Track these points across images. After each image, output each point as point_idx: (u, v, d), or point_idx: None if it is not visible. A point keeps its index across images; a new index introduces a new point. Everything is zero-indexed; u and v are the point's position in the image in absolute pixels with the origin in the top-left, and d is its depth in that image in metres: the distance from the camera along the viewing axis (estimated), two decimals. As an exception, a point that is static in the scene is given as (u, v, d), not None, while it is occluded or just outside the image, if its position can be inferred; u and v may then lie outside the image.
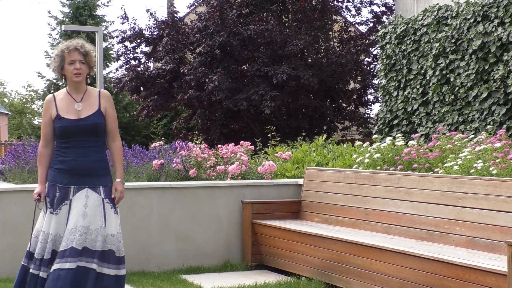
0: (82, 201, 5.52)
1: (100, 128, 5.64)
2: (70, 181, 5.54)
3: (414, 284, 6.30)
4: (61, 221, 5.50)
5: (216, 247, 8.74)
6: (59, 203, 5.52)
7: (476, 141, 8.10)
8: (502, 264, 5.49)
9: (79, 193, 5.53)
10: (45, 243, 5.49)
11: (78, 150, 5.58)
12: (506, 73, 9.29)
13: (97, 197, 5.55)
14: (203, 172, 9.25)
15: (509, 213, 6.23)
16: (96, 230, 5.49)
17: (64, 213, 5.51)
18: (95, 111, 5.63)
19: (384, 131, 11.62)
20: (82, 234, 5.45)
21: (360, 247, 7.02)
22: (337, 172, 8.64)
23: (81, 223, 5.46)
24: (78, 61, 5.59)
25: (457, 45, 10.18)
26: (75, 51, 5.60)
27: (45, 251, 5.47)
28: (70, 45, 5.62)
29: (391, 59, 11.60)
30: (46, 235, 5.49)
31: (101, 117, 5.65)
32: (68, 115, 5.58)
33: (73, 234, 5.44)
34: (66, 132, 5.57)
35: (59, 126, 5.58)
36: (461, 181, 6.86)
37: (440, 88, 10.48)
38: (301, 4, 18.01)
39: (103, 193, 5.58)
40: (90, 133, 5.60)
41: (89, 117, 5.60)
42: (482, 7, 9.76)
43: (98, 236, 5.50)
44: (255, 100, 16.79)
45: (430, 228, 7.00)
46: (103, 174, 5.65)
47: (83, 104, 5.63)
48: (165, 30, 18.74)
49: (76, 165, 5.56)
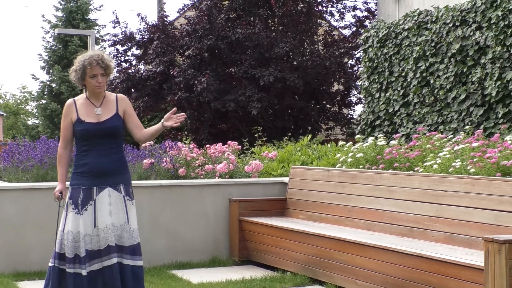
0: (106, 200, 5.64)
1: (118, 130, 5.76)
2: (92, 182, 5.64)
3: (395, 278, 6.33)
4: (88, 221, 5.60)
5: (204, 243, 8.74)
6: (84, 204, 5.61)
7: (455, 141, 8.13)
8: (479, 259, 5.51)
9: (102, 193, 5.64)
10: (75, 242, 5.58)
11: (98, 152, 5.69)
12: (484, 76, 9.33)
13: (118, 195, 5.69)
14: (192, 171, 9.25)
15: (486, 210, 6.26)
16: (120, 226, 5.67)
17: (90, 213, 5.61)
18: (114, 114, 5.75)
19: (366, 131, 11.65)
20: (112, 232, 5.63)
21: (343, 243, 7.04)
22: (321, 171, 8.66)
23: (109, 221, 5.63)
24: (99, 75, 5.70)
25: (437, 49, 10.21)
26: (97, 66, 5.70)
27: (80, 250, 5.57)
28: (92, 60, 5.69)
29: (374, 62, 11.63)
30: (76, 234, 5.58)
31: (119, 120, 5.78)
32: (88, 119, 5.70)
33: (106, 233, 5.61)
34: (87, 135, 5.69)
35: (80, 129, 5.69)
36: (440, 180, 6.89)
37: (420, 90, 10.51)
38: (287, 8, 18.03)
39: (123, 190, 5.72)
40: (109, 135, 5.71)
41: (108, 121, 5.71)
42: (461, 12, 9.80)
43: (124, 232, 5.68)
44: (243, 101, 16.80)
45: (411, 224, 7.03)
46: (123, 173, 5.76)
47: (102, 109, 5.75)
48: (155, 33, 18.72)
49: (97, 167, 5.66)
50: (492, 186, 6.28)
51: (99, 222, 5.60)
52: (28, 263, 7.91)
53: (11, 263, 7.92)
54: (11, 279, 7.53)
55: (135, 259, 5.71)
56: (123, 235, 5.67)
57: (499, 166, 6.86)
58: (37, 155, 8.79)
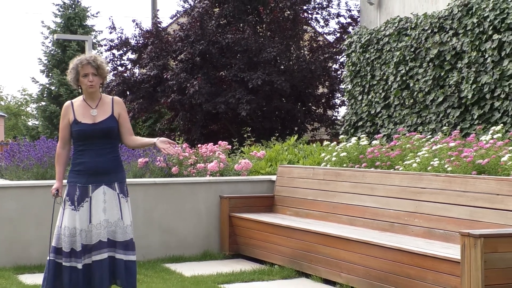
0: (100, 197, 5.65)
1: (113, 131, 5.75)
2: (88, 180, 5.65)
3: (377, 271, 6.34)
4: (83, 217, 5.61)
5: (196, 238, 8.74)
6: (80, 200, 5.62)
7: (433, 141, 8.15)
8: (456, 253, 5.53)
9: (97, 191, 5.65)
10: (72, 237, 5.58)
11: (94, 151, 5.69)
12: (460, 79, 9.36)
13: (113, 193, 5.68)
14: (184, 169, 9.25)
15: (462, 206, 6.28)
16: (114, 222, 5.67)
17: (86, 210, 5.62)
18: (109, 116, 5.74)
19: (349, 132, 11.67)
20: (105, 228, 5.64)
21: (328, 237, 7.05)
22: (307, 169, 8.67)
23: (103, 218, 5.63)
24: (91, 74, 5.69)
25: (416, 54, 10.24)
26: (88, 65, 5.70)
27: (76, 244, 5.58)
28: (83, 60, 5.73)
29: (356, 66, 11.65)
30: (72, 230, 5.59)
31: (114, 121, 5.75)
32: (85, 119, 5.69)
33: (99, 229, 5.63)
34: (83, 135, 5.68)
35: (76, 130, 5.69)
36: (419, 177, 6.91)
37: (400, 93, 10.53)
38: (275, 15, 18.03)
39: (118, 188, 5.71)
40: (105, 135, 5.71)
41: (103, 122, 5.70)
42: (438, 19, 9.83)
43: (117, 228, 5.68)
44: (232, 103, 16.79)
45: (391, 220, 7.04)
46: (117, 172, 5.76)
47: (98, 110, 5.74)
48: (149, 39, 18.68)
49: (93, 166, 5.66)
50: (468, 184, 6.30)
51: (94, 218, 5.62)
52: (28, 257, 7.89)
53: (12, 257, 7.91)
54: (12, 273, 7.52)
55: (128, 254, 5.71)
56: (116, 230, 5.68)
57: (474, 164, 6.89)
58: (37, 154, 8.77)
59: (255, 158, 10.09)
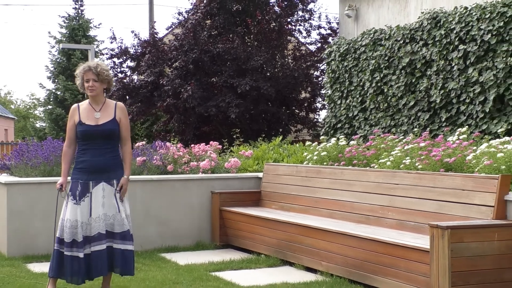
0: (100, 193, 5.69)
1: (114, 133, 5.78)
2: (89, 177, 5.69)
3: (354, 259, 6.36)
4: (84, 210, 5.65)
5: (189, 230, 8.73)
6: (81, 195, 5.66)
7: (405, 141, 8.17)
8: (425, 243, 5.56)
9: (97, 187, 5.70)
10: (73, 228, 5.62)
11: (95, 151, 5.73)
12: (429, 86, 9.39)
13: (111, 189, 5.73)
14: (178, 167, 9.23)
15: (431, 201, 6.31)
16: (112, 216, 5.72)
17: (86, 204, 5.66)
18: (111, 119, 5.77)
19: (329, 133, 11.68)
20: (104, 221, 5.69)
21: (309, 229, 7.06)
22: (290, 167, 8.68)
23: (101, 212, 5.68)
24: (91, 80, 5.73)
25: (390, 62, 10.26)
26: (89, 72, 5.76)
27: (77, 235, 5.61)
28: (86, 67, 5.79)
29: (336, 73, 11.66)
30: (73, 222, 5.62)
31: (116, 124, 5.79)
32: (88, 121, 5.73)
33: (97, 222, 5.67)
34: (86, 135, 5.72)
35: (80, 130, 5.73)
36: (392, 174, 6.93)
37: (375, 98, 10.56)
38: (261, 27, 18.03)
39: (116, 185, 5.77)
40: (106, 137, 5.74)
41: (105, 124, 5.74)
42: (410, 31, 9.86)
43: (115, 221, 5.72)
44: (223, 107, 16.78)
45: (367, 213, 7.06)
46: (116, 170, 5.79)
47: (101, 113, 5.77)
48: (147, 48, 18.65)
49: (93, 164, 5.70)
50: (437, 180, 6.33)
51: (93, 212, 5.67)
52: (36, 248, 7.87)
53: (21, 247, 7.88)
54: (21, 261, 7.50)
55: (126, 244, 5.76)
56: (114, 223, 5.73)
57: (442, 162, 6.92)
58: (43, 153, 8.74)
59: (243, 157, 10.09)
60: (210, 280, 6.54)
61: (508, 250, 5.42)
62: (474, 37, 8.66)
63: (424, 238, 5.82)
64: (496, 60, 8.30)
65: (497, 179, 5.68)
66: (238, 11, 18.13)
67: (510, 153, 6.17)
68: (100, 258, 5.66)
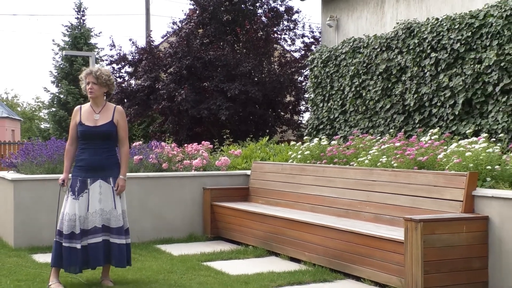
0: (97, 190, 5.67)
1: (111, 134, 5.75)
2: (87, 174, 5.67)
3: (334, 250, 6.37)
4: (82, 205, 5.63)
5: (183, 223, 8.72)
6: (80, 191, 5.64)
7: (382, 141, 8.19)
8: (400, 235, 5.58)
9: (94, 184, 5.68)
10: (72, 222, 5.60)
11: (93, 150, 5.71)
12: (404, 90, 9.42)
13: (108, 186, 5.71)
14: (173, 165, 9.22)
15: (405, 196, 6.33)
16: (109, 211, 5.69)
17: (85, 199, 5.64)
18: (109, 121, 5.75)
19: (312, 134, 11.70)
20: (100, 215, 5.66)
21: (293, 222, 7.07)
22: (276, 165, 8.68)
23: (98, 207, 5.65)
24: (91, 83, 5.75)
25: (368, 68, 10.29)
26: (90, 75, 5.78)
27: (75, 228, 5.59)
28: (88, 70, 5.81)
29: (318, 78, 11.68)
30: (72, 216, 5.61)
31: (113, 126, 5.76)
32: (88, 122, 5.72)
33: (94, 216, 5.65)
34: (85, 135, 5.71)
35: (80, 130, 5.72)
36: (370, 172, 6.95)
37: (354, 101, 10.58)
38: (250, 35, 18.01)
39: (112, 182, 5.73)
40: (103, 137, 5.72)
41: (103, 125, 5.73)
42: (386, 40, 9.89)
43: (111, 216, 5.69)
44: (214, 109, 16.75)
45: (347, 207, 7.07)
46: (112, 168, 5.76)
47: (100, 115, 5.76)
48: (144, 55, 18.58)
49: (91, 162, 5.69)
50: (411, 177, 6.35)
51: (90, 207, 5.64)
52: (40, 239, 7.84)
53: (27, 239, 7.85)
54: (27, 252, 7.47)
55: (121, 238, 5.74)
56: (111, 218, 5.71)
57: (416, 161, 6.94)
58: (48, 152, 8.70)
59: (233, 156, 10.09)
60: (202, 270, 6.54)
61: (475, 241, 5.45)
62: (445, 45, 8.70)
63: (399, 230, 5.85)
64: (465, 67, 8.34)
65: (466, 176, 5.71)
66: (228, 21, 18.11)
67: (477, 152, 6.20)
68: (96, 250, 5.65)
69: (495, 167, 6.04)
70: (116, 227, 5.70)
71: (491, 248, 5.47)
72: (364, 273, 5.96)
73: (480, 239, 5.46)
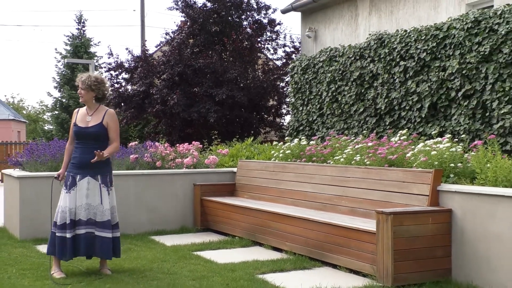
0: (85, 185, 5.65)
1: (100, 135, 5.73)
2: (77, 171, 5.67)
3: (313, 240, 6.38)
4: (72, 199, 5.63)
5: (175, 216, 8.70)
6: (71, 186, 5.65)
7: (356, 142, 8.22)
8: (373, 226, 5.60)
9: (82, 180, 5.66)
10: (64, 213, 5.62)
11: (84, 149, 5.71)
12: (376, 95, 9.45)
13: (95, 183, 5.67)
14: (166, 163, 9.19)
15: (377, 191, 6.35)
16: (95, 206, 5.65)
17: (74, 194, 5.64)
18: (98, 123, 5.74)
19: (293, 135, 11.71)
20: (86, 210, 5.64)
21: (276, 215, 7.07)
22: (260, 163, 8.68)
23: (85, 201, 5.63)
24: (79, 88, 5.81)
25: (343, 75, 10.31)
26: (79, 81, 5.84)
27: (66, 219, 5.60)
28: (78, 77, 5.85)
29: (298, 84, 11.69)
30: (64, 208, 5.64)
31: (103, 128, 5.74)
32: (81, 123, 5.74)
33: (80, 210, 5.63)
34: (77, 135, 5.72)
35: (74, 130, 5.75)
36: (345, 169, 6.96)
37: (331, 105, 10.60)
38: (236, 45, 17.99)
39: (100, 179, 5.69)
40: (93, 138, 5.72)
41: (93, 127, 5.72)
42: (359, 49, 9.92)
43: (97, 210, 5.65)
44: (203, 112, 16.71)
45: (324, 201, 7.09)
46: (101, 167, 5.71)
47: (92, 117, 5.75)
48: (139, 62, 18.50)
49: (81, 160, 5.68)
50: (382, 174, 6.37)
51: (77, 201, 5.64)
52: (43, 232, 7.77)
53: (31, 231, 7.79)
54: (31, 243, 7.42)
55: (105, 232, 5.69)
56: (97, 213, 5.68)
57: (386, 159, 6.97)
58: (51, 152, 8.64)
59: (220, 155, 10.08)
60: (192, 259, 6.52)
61: (439, 232, 5.48)
62: (412, 55, 8.74)
63: (372, 222, 5.87)
64: (430, 74, 8.38)
65: (431, 173, 5.74)
66: (216, 32, 18.07)
67: (441, 151, 6.24)
68: (84, 240, 5.65)
69: (457, 164, 6.08)
70: (101, 221, 5.66)
71: (454, 238, 5.50)
72: (340, 261, 5.98)
73: (444, 230, 5.49)
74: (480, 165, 5.79)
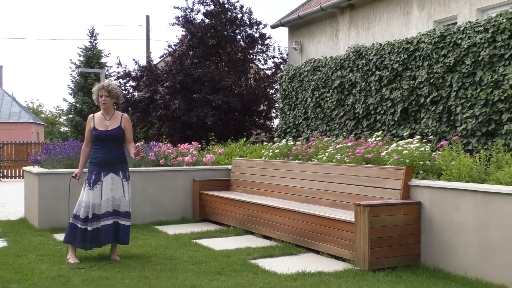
0: (109, 181, 5.66)
1: (119, 137, 5.75)
2: (100, 169, 5.65)
3: (299, 229, 6.39)
4: (96, 195, 5.61)
5: (176, 208, 8.68)
6: (94, 183, 5.63)
7: (337, 142, 8.23)
8: (351, 217, 5.61)
9: (106, 177, 5.67)
10: (87, 208, 5.59)
11: (105, 150, 5.71)
12: (354, 101, 9.47)
13: (118, 178, 5.70)
14: (168, 161, 9.17)
15: (356, 186, 6.37)
16: (119, 198, 5.68)
17: (98, 190, 5.63)
18: (117, 126, 5.75)
19: (281, 136, 11.71)
20: (112, 202, 5.65)
21: (266, 207, 7.07)
22: (252, 161, 8.68)
23: (110, 195, 5.65)
24: (104, 96, 5.73)
25: (325, 83, 10.32)
26: (103, 89, 5.77)
27: (89, 214, 5.58)
28: (100, 86, 5.76)
29: (286, 91, 11.69)
30: (87, 203, 5.60)
31: (121, 130, 5.76)
32: (100, 127, 5.72)
33: (107, 203, 5.64)
34: (98, 138, 5.70)
35: (94, 134, 5.71)
36: (327, 166, 6.97)
37: (315, 110, 10.60)
38: (231, 56, 17.97)
39: (121, 175, 5.72)
40: (113, 139, 5.72)
41: (112, 130, 5.72)
42: (340, 60, 9.93)
43: (121, 202, 5.69)
44: (202, 116, 16.69)
45: (309, 195, 7.10)
46: (121, 164, 5.74)
47: (110, 122, 5.75)
48: (144, 72, 18.44)
49: (104, 159, 5.67)
50: (360, 170, 6.39)
51: (104, 195, 5.62)
52: (60, 222, 7.76)
53: (49, 222, 7.76)
54: (49, 232, 7.41)
55: (127, 221, 5.75)
56: (120, 204, 5.72)
57: (364, 157, 6.99)
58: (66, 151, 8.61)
59: (217, 154, 10.07)
60: (192, 246, 6.51)
61: (410, 222, 5.50)
62: (386, 65, 8.77)
63: (350, 213, 5.88)
64: (402, 83, 8.41)
65: (403, 170, 5.76)
66: (213, 44, 18.05)
67: (412, 150, 6.26)
68: (107, 230, 5.66)
69: (426, 162, 6.11)
70: (124, 211, 5.72)
71: (423, 227, 5.53)
72: (323, 248, 5.99)
73: (414, 220, 5.52)
74: (445, 162, 5.82)
